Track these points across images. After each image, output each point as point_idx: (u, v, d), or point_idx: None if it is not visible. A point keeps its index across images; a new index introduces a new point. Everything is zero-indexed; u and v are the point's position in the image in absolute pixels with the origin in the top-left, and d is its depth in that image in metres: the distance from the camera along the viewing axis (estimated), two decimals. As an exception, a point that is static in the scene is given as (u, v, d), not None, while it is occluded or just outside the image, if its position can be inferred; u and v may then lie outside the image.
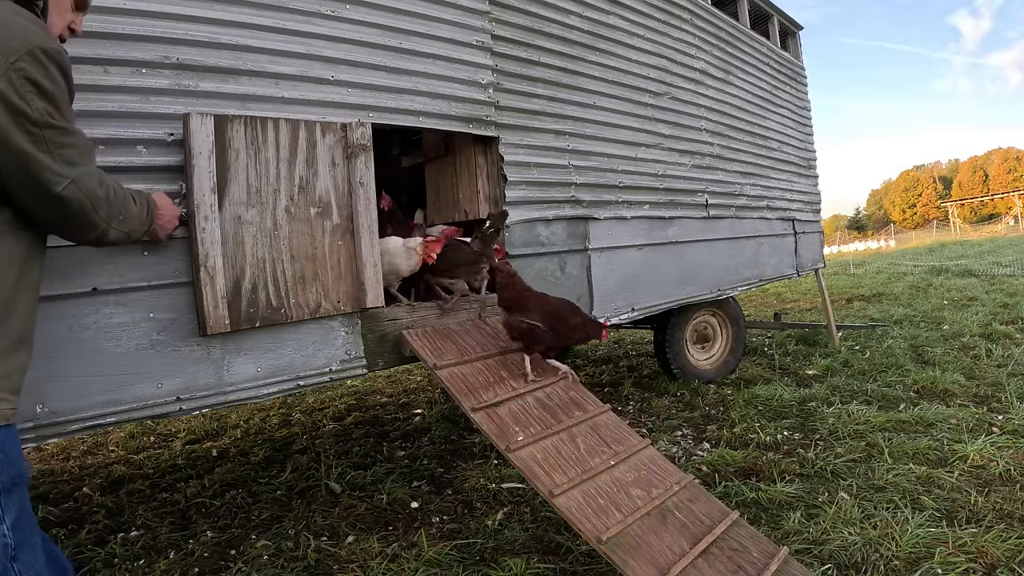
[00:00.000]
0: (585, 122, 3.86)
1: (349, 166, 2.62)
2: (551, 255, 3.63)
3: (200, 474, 3.82)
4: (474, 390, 2.60)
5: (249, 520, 3.12)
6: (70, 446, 4.61)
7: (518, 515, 2.94)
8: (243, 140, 2.32)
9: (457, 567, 2.47)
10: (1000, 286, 10.07)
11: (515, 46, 3.44)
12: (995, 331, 6.31)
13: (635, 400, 4.87)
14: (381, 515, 3.05)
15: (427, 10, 3.00)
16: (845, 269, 16.75)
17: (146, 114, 2.19)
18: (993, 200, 52.53)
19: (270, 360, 2.45)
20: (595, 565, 2.41)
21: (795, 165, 6.47)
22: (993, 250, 17.85)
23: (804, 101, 6.88)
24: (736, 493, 2.95)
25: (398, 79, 2.90)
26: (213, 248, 2.23)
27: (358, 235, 2.64)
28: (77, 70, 2.06)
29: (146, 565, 2.68)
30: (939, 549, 2.32)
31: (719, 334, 5.45)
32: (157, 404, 2.20)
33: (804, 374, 5.26)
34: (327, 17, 2.66)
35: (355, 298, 2.65)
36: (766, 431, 3.80)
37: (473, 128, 3.22)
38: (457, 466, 3.65)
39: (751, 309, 9.98)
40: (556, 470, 2.31)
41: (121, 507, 3.35)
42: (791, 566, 2.15)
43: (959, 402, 4.10)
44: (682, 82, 4.73)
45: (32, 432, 1.97)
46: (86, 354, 2.06)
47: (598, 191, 3.94)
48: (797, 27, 6.92)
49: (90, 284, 2.07)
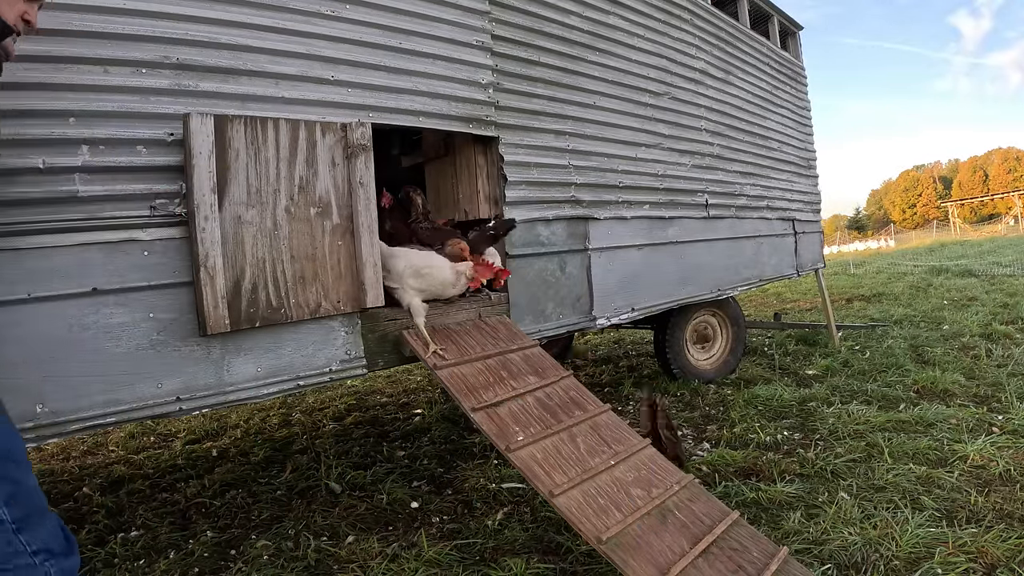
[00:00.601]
0: (585, 122, 3.86)
1: (349, 166, 2.62)
2: (551, 255, 3.63)
3: (200, 474, 3.81)
4: (474, 390, 2.60)
5: (249, 520, 3.12)
6: (70, 446, 4.61)
7: (518, 515, 2.94)
8: (243, 140, 2.32)
9: (457, 567, 2.47)
10: (1000, 286, 10.07)
11: (515, 46, 3.44)
12: (995, 331, 6.31)
13: (635, 400, 4.87)
14: (381, 515, 3.05)
15: (427, 10, 3.01)
16: (845, 269, 16.75)
17: (146, 114, 2.19)
18: (993, 200, 52.56)
19: (270, 360, 2.45)
20: (595, 565, 2.41)
21: (795, 165, 6.47)
22: (993, 250, 17.86)
23: (804, 101, 6.88)
24: (736, 493, 2.95)
25: (398, 79, 2.90)
26: (213, 248, 2.23)
27: (358, 235, 2.64)
28: (77, 70, 2.07)
29: (146, 565, 2.68)
30: (939, 549, 2.32)
31: (719, 334, 5.45)
32: (157, 404, 2.20)
33: (804, 374, 5.26)
34: (327, 17, 2.66)
35: (355, 298, 2.65)
36: (766, 431, 3.80)
37: (473, 128, 3.22)
38: (457, 466, 3.65)
39: (751, 309, 9.99)
40: (556, 470, 2.31)
41: (121, 507, 3.34)
42: (791, 566, 2.15)
43: (959, 402, 4.10)
44: (682, 82, 4.73)
45: (32, 432, 1.97)
46: (86, 354, 2.06)
47: (598, 191, 3.94)
48: (797, 27, 6.92)
49: (90, 284, 2.07)
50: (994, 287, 10.03)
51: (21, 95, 1.98)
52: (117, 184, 2.14)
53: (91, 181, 2.09)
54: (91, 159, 2.08)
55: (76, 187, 2.06)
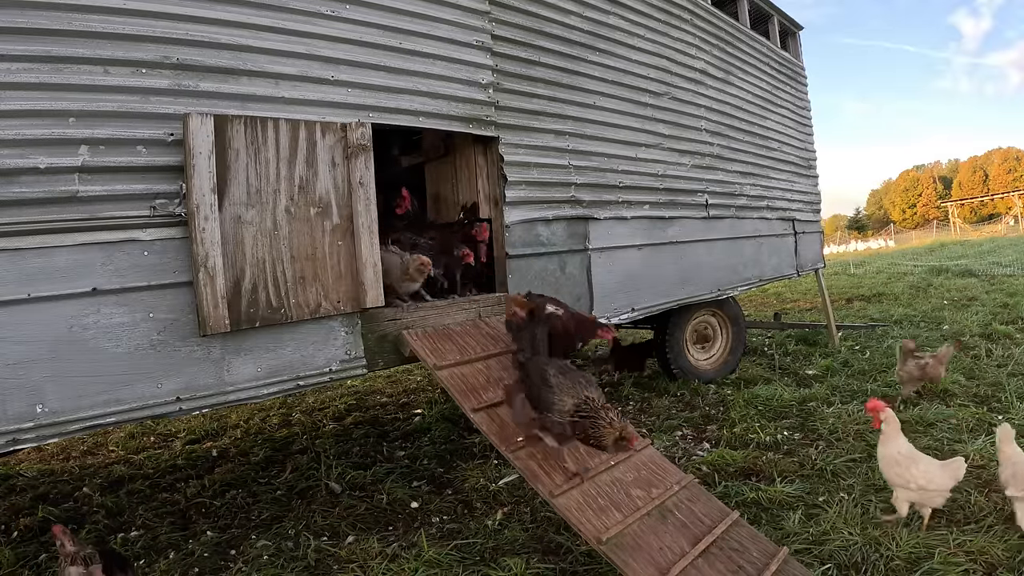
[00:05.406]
0: (585, 122, 3.86)
1: (349, 166, 2.62)
2: (551, 255, 3.63)
3: (200, 474, 3.81)
4: (474, 390, 2.60)
5: (249, 520, 3.12)
6: (70, 446, 4.61)
7: (518, 515, 2.94)
8: (243, 140, 2.32)
9: (457, 567, 2.47)
10: (1000, 286, 10.07)
11: (515, 46, 3.44)
12: (995, 331, 6.30)
13: (635, 400, 4.87)
14: (381, 515, 3.04)
15: (427, 10, 3.00)
16: (845, 269, 16.75)
17: (146, 114, 2.19)
18: (993, 200, 52.50)
19: (270, 360, 2.45)
20: (595, 565, 2.41)
21: (795, 165, 6.46)
22: (993, 250, 17.83)
23: (804, 101, 6.88)
24: (736, 493, 2.95)
25: (398, 79, 2.90)
26: (213, 248, 2.23)
27: (358, 235, 2.64)
28: (77, 70, 2.07)
29: (146, 565, 2.68)
30: (939, 549, 2.32)
31: (719, 334, 5.45)
32: (157, 404, 2.20)
33: (804, 374, 5.25)
34: (327, 17, 2.66)
35: (355, 298, 2.65)
36: (766, 431, 3.80)
37: (473, 128, 3.22)
38: (457, 466, 3.65)
39: (751, 309, 9.98)
40: (556, 470, 2.31)
41: (121, 507, 3.34)
42: (791, 566, 2.15)
43: (959, 402, 4.10)
44: (682, 82, 4.72)
45: (32, 432, 1.98)
46: (86, 354, 2.06)
47: (598, 191, 3.94)
48: (797, 27, 6.92)
49: (90, 284, 2.07)
50: (994, 287, 10.02)
51: (21, 95, 1.98)
52: (117, 184, 2.14)
53: (91, 181, 2.09)
54: (91, 159, 2.09)
55: (76, 187, 2.06)
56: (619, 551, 2.03)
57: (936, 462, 2.55)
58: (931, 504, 2.52)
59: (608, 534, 2.04)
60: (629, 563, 1.99)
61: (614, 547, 2.03)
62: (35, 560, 2.76)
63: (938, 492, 2.48)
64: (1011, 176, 57.94)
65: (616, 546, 2.04)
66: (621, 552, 2.03)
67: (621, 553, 2.03)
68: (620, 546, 2.05)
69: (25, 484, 3.86)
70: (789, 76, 6.53)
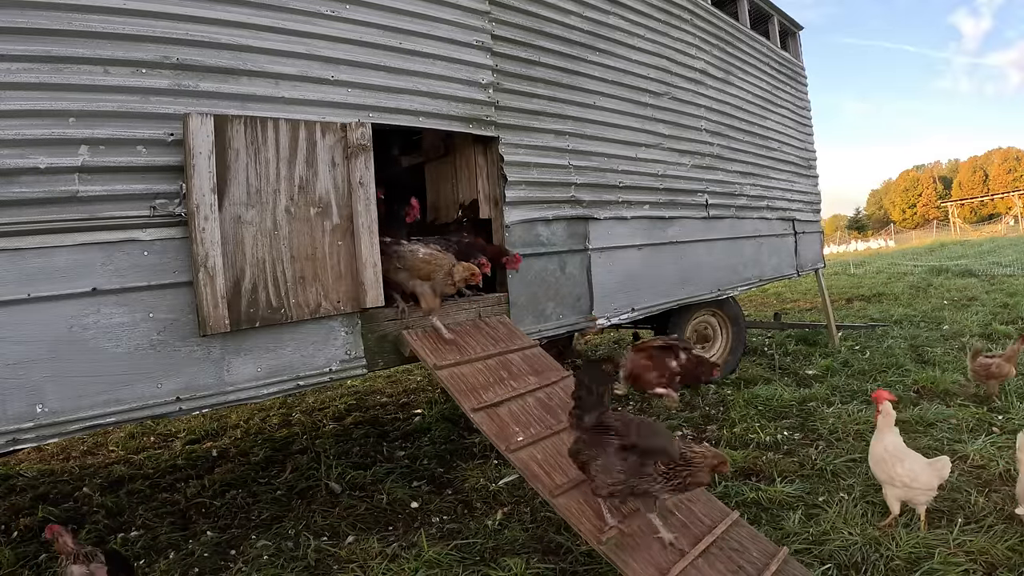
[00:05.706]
0: (585, 122, 3.86)
1: (349, 166, 2.62)
2: (551, 255, 3.63)
3: (200, 474, 3.81)
4: (474, 390, 2.60)
5: (249, 520, 3.12)
6: (70, 446, 4.61)
7: (518, 515, 2.94)
8: (243, 140, 2.32)
9: (457, 567, 2.47)
10: (1000, 286, 10.07)
11: (515, 46, 3.44)
12: (995, 331, 6.30)
13: (635, 400, 4.87)
14: (381, 515, 3.04)
15: (427, 10, 3.00)
16: (845, 269, 16.75)
17: (146, 114, 2.19)
18: (993, 200, 52.48)
19: (270, 360, 2.45)
20: (595, 565, 2.41)
21: (795, 165, 6.47)
22: (993, 250, 17.83)
23: (804, 101, 6.88)
24: (736, 493, 2.95)
25: (398, 79, 2.90)
26: (213, 248, 2.23)
27: (358, 235, 2.64)
28: (77, 70, 2.07)
29: (146, 565, 2.68)
30: (939, 549, 2.32)
31: (719, 334, 5.45)
32: (157, 404, 2.20)
33: (804, 374, 5.25)
34: (327, 17, 2.66)
35: (355, 298, 2.65)
36: (766, 431, 3.80)
37: (473, 128, 3.22)
38: (457, 466, 3.65)
39: (751, 309, 9.98)
40: (556, 470, 2.31)
41: (121, 507, 3.34)
42: (791, 566, 2.15)
43: (959, 402, 4.10)
44: (682, 82, 4.73)
45: (32, 432, 1.98)
46: (86, 354, 2.06)
47: (598, 191, 3.94)
48: (797, 27, 6.92)
49: (90, 284, 2.07)
50: (994, 287, 10.02)
51: (21, 95, 1.98)
52: (117, 184, 2.14)
53: (91, 181, 2.09)
54: (91, 159, 2.09)
55: (76, 187, 2.06)
56: (619, 551, 2.03)
57: (922, 460, 2.52)
58: (916, 502, 2.50)
59: (608, 534, 2.05)
60: (629, 563, 1.99)
61: (614, 547, 2.04)
62: (35, 560, 2.76)
63: (922, 490, 2.46)
64: (1011, 176, 57.92)
65: (616, 546, 2.04)
66: (621, 552, 2.03)
67: (621, 553, 2.03)
68: (620, 546, 2.05)
69: (25, 484, 3.86)
70: (789, 76, 6.53)
